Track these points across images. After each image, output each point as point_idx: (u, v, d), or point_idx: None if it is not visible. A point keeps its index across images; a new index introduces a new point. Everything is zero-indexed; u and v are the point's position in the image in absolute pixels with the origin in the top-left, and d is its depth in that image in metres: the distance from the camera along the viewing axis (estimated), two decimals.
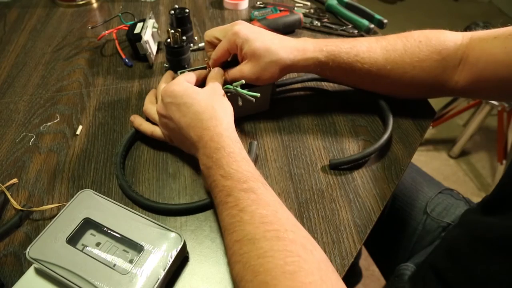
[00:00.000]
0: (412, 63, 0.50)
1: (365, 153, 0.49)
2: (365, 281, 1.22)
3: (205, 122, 0.43)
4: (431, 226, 0.63)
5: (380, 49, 0.51)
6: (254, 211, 0.35)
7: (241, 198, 0.37)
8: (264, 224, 0.34)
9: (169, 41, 0.61)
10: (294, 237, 0.34)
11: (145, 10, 0.82)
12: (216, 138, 0.41)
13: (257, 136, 0.54)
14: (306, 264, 0.32)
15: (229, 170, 0.39)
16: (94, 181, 0.48)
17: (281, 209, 0.37)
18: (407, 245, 0.65)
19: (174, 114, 0.45)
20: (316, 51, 0.50)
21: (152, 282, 0.35)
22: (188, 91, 0.45)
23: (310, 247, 0.34)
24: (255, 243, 0.33)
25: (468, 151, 1.69)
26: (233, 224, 0.36)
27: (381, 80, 0.52)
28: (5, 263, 0.40)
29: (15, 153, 0.52)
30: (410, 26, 0.57)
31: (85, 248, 0.38)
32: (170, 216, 0.45)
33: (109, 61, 0.68)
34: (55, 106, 0.59)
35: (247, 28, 0.49)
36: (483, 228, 0.44)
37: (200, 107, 0.44)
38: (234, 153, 0.40)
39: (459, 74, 0.50)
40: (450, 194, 0.66)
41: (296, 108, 0.58)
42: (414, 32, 0.52)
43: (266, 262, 0.32)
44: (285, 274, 0.31)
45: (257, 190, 0.37)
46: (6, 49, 0.71)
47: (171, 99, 0.45)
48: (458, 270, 0.45)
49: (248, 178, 0.38)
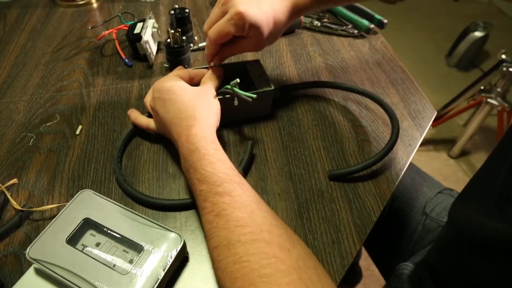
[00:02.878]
0: None
1: (365, 164, 0.48)
2: (365, 281, 1.22)
3: (184, 121, 0.42)
4: (431, 226, 0.63)
5: None
6: (229, 215, 0.35)
7: (216, 202, 0.36)
8: (239, 228, 0.34)
9: (169, 41, 0.61)
10: (270, 237, 0.33)
11: (145, 10, 0.82)
12: (191, 139, 0.41)
13: (257, 136, 0.54)
14: (283, 265, 0.31)
15: (204, 173, 0.38)
16: (94, 181, 0.48)
17: (257, 208, 0.36)
18: (406, 246, 0.65)
19: (159, 109, 0.45)
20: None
21: (152, 282, 0.35)
22: (175, 87, 0.45)
23: (287, 245, 0.33)
24: (230, 249, 0.33)
25: (468, 151, 1.69)
26: (210, 230, 0.36)
27: None
28: (5, 263, 0.40)
29: (15, 153, 0.52)
30: (410, 26, 0.57)
31: (85, 248, 0.38)
32: (164, 211, 0.45)
33: (109, 61, 0.68)
34: (55, 106, 0.59)
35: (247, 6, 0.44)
36: (472, 228, 0.44)
37: (182, 105, 0.43)
38: (209, 155, 0.39)
39: None
40: (449, 194, 0.66)
41: (296, 108, 0.58)
42: None
43: (242, 268, 0.32)
44: (261, 278, 0.30)
45: (232, 192, 0.37)
46: (6, 49, 0.71)
47: (158, 94, 0.46)
48: (449, 268, 0.45)
49: (223, 180, 0.37)
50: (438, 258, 0.49)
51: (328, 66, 0.67)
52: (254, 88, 0.53)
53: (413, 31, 2.40)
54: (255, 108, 0.54)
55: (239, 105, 0.48)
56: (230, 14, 0.44)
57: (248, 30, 0.45)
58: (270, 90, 0.53)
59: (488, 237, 0.38)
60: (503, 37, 2.26)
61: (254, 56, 0.69)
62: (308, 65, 0.67)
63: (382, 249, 0.72)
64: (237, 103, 0.49)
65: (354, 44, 0.73)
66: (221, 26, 0.45)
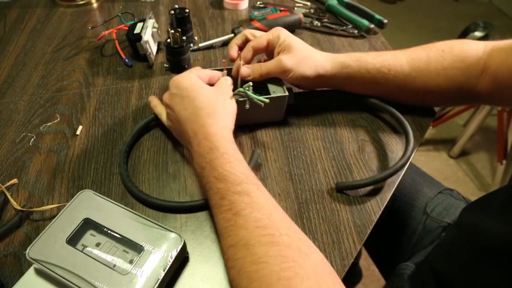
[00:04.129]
0: (437, 71, 0.51)
1: (374, 179, 0.46)
2: (365, 281, 1.22)
3: (202, 119, 0.43)
4: (431, 226, 0.63)
5: (405, 57, 0.52)
6: (248, 215, 0.35)
7: (235, 201, 0.36)
8: (258, 229, 0.34)
9: (169, 41, 0.61)
10: (289, 241, 0.34)
11: (145, 10, 0.82)
12: (210, 137, 0.41)
13: (257, 136, 0.54)
14: (302, 269, 0.31)
15: (222, 172, 0.38)
16: (94, 181, 0.48)
17: (275, 211, 0.37)
18: (407, 246, 0.65)
19: (176, 106, 0.45)
20: (345, 56, 0.52)
21: (152, 282, 0.35)
22: (194, 85, 0.45)
23: (306, 250, 0.34)
24: (249, 249, 0.33)
25: (468, 151, 1.69)
26: (227, 228, 0.36)
27: (407, 88, 0.53)
28: (5, 263, 0.40)
29: (15, 153, 0.52)
30: (410, 26, 0.57)
31: (85, 249, 0.38)
32: (163, 212, 0.45)
33: (109, 61, 0.68)
34: (55, 106, 0.59)
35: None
36: (482, 233, 0.44)
37: (201, 103, 0.44)
38: (228, 154, 0.40)
39: (481, 83, 0.50)
40: (450, 194, 0.66)
41: (296, 108, 0.58)
42: (437, 42, 0.53)
43: (261, 269, 0.31)
44: (280, 281, 0.30)
45: (252, 192, 0.37)
46: (6, 49, 0.71)
47: (176, 90, 0.46)
48: (455, 273, 0.45)
49: (242, 180, 0.38)
50: (444, 262, 0.48)
51: None
52: (268, 92, 0.52)
53: (413, 31, 2.40)
54: (268, 113, 0.53)
55: (251, 109, 0.48)
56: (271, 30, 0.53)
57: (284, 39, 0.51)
58: (284, 96, 0.52)
59: (498, 243, 0.39)
60: (503, 37, 2.25)
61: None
62: None
63: (383, 249, 0.72)
64: (248, 107, 0.48)
65: (354, 44, 0.73)
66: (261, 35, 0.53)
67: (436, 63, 0.51)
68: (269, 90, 0.52)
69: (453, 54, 0.51)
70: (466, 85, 0.51)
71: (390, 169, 0.47)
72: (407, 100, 0.56)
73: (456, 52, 0.51)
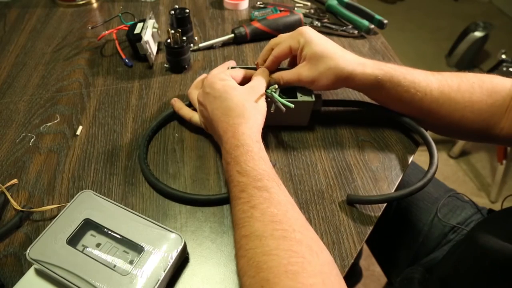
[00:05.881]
0: (464, 102, 0.49)
1: (390, 196, 0.45)
2: (365, 281, 1.23)
3: (232, 119, 0.44)
4: (437, 227, 0.63)
5: (436, 81, 0.50)
6: (265, 209, 0.36)
7: (254, 195, 0.38)
8: (273, 223, 0.35)
9: (169, 41, 0.61)
10: (301, 237, 0.34)
11: (145, 10, 0.82)
12: (238, 136, 0.42)
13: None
14: (310, 266, 0.32)
15: (245, 168, 0.40)
16: (94, 181, 0.48)
17: (292, 209, 0.38)
18: (412, 246, 0.65)
19: (209, 105, 0.47)
20: (375, 68, 0.49)
21: (153, 283, 0.35)
22: (226, 86, 0.46)
23: (316, 249, 0.34)
24: (261, 240, 0.34)
25: (468, 151, 1.69)
26: (243, 219, 0.37)
27: (431, 113, 0.51)
28: (5, 264, 0.40)
29: (15, 154, 0.52)
30: (410, 26, 0.57)
31: (86, 249, 0.38)
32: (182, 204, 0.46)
33: (109, 61, 0.68)
34: (55, 106, 0.59)
35: (312, 31, 0.51)
36: (495, 253, 0.43)
37: (232, 103, 0.45)
38: (253, 152, 0.41)
39: (505, 121, 0.50)
40: (455, 196, 0.67)
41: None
42: (469, 73, 0.51)
43: (270, 260, 0.32)
44: (287, 274, 0.31)
45: (271, 189, 0.38)
46: (6, 49, 0.71)
47: (209, 90, 0.47)
48: (465, 286, 0.45)
49: (263, 176, 0.39)
50: (454, 277, 0.49)
51: None
52: (295, 97, 0.51)
53: (413, 31, 2.40)
54: (292, 117, 0.52)
55: (275, 111, 0.48)
56: (292, 33, 0.52)
57: (304, 45, 0.49)
58: (310, 101, 0.51)
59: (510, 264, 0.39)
60: (503, 37, 2.26)
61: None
62: None
63: (387, 248, 0.72)
64: (273, 110, 0.48)
65: (354, 45, 0.73)
66: (282, 42, 0.52)
67: (465, 95, 0.49)
68: (297, 94, 0.52)
69: (482, 88, 0.49)
70: (489, 121, 0.50)
71: (407, 189, 0.45)
72: (428, 125, 0.54)
73: (486, 86, 0.49)
